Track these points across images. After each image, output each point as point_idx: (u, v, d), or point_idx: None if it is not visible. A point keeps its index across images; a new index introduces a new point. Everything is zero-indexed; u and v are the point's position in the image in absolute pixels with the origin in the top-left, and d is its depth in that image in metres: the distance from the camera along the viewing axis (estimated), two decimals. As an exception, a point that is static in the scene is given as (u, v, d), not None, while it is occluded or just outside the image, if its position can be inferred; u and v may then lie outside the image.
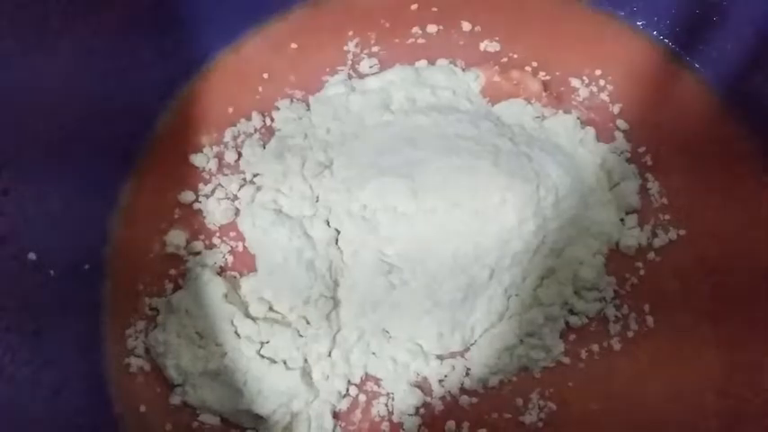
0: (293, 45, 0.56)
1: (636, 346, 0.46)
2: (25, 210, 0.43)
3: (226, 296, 0.47)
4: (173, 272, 0.49)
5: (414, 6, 0.57)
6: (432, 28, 0.57)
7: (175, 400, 0.46)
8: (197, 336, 0.46)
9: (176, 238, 0.50)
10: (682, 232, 0.49)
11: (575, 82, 0.54)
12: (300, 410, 0.46)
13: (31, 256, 0.43)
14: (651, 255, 0.49)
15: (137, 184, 0.51)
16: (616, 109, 0.53)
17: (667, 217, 0.50)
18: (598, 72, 0.55)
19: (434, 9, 0.57)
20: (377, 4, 0.57)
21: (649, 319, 0.47)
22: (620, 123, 0.53)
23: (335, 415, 0.46)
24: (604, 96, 0.54)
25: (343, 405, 0.46)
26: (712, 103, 0.53)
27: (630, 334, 0.47)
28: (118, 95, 0.49)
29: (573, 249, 0.48)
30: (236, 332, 0.46)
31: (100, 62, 0.48)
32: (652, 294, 0.48)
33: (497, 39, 0.56)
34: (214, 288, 0.47)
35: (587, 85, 0.54)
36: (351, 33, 0.56)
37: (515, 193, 0.47)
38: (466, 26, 0.57)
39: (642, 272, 0.48)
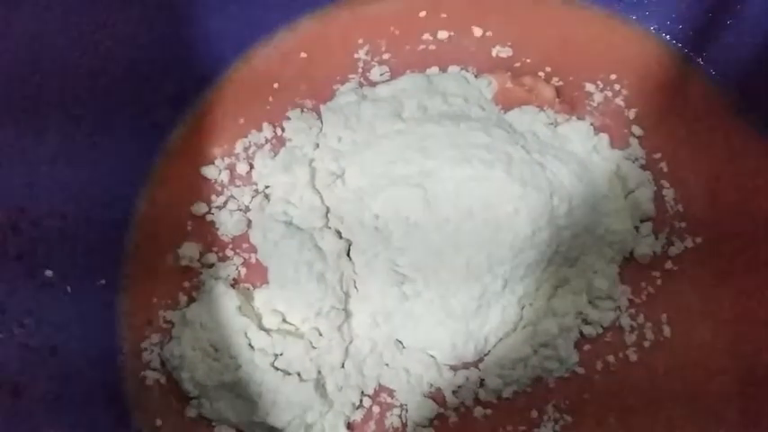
0: (303, 54, 0.56)
1: (653, 357, 0.46)
2: (40, 226, 0.44)
3: (239, 308, 0.47)
4: (186, 284, 0.49)
5: (423, 13, 0.57)
6: (442, 34, 0.56)
7: (191, 412, 0.46)
8: (212, 348, 0.46)
9: (190, 250, 0.50)
10: (698, 240, 0.49)
11: (589, 87, 0.54)
12: (315, 422, 0.46)
13: (48, 273, 0.44)
14: (669, 264, 0.48)
15: (150, 196, 0.51)
16: (631, 114, 0.53)
17: (683, 225, 0.49)
18: (613, 77, 0.54)
19: (444, 15, 0.56)
20: (386, 11, 0.57)
21: (666, 330, 0.47)
22: (635, 129, 0.52)
23: (349, 426, 0.46)
24: (619, 101, 0.53)
25: (357, 416, 0.46)
26: (727, 107, 0.52)
27: (647, 344, 0.46)
28: (130, 110, 0.49)
29: (587, 258, 0.48)
30: (249, 344, 0.46)
31: (111, 73, 0.48)
32: (669, 304, 0.47)
33: (509, 44, 0.55)
34: (228, 301, 0.47)
35: (602, 90, 0.54)
36: (360, 41, 0.56)
37: (528, 203, 0.47)
38: (477, 32, 0.56)
39: (659, 281, 0.48)
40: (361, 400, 0.46)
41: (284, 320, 0.48)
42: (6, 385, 0.40)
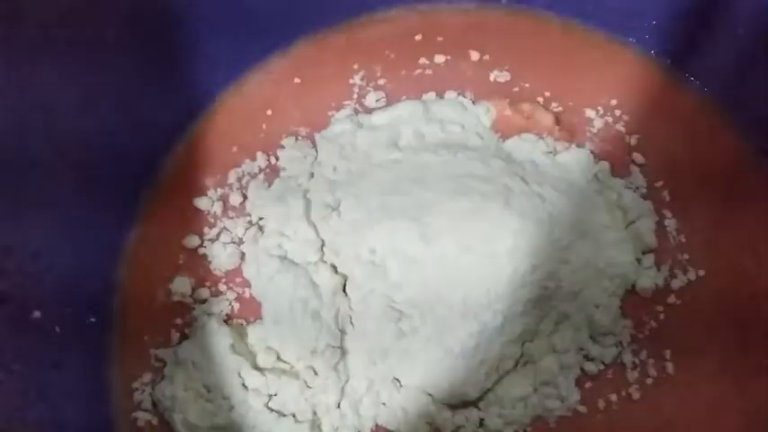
0: (296, 80, 0.55)
1: (656, 395, 0.45)
2: (27, 267, 0.43)
3: (233, 346, 0.46)
4: (179, 321, 0.48)
5: (418, 36, 0.55)
6: (439, 58, 0.55)
7: (184, 455, 0.45)
8: (204, 389, 0.45)
9: (182, 285, 0.49)
10: (701, 272, 0.48)
11: (589, 112, 0.53)
12: (311, 464, 0.45)
13: (36, 314, 0.43)
14: (672, 298, 0.47)
15: (141, 230, 0.50)
16: (633, 140, 0.52)
17: (686, 256, 0.48)
18: (613, 102, 0.53)
19: (440, 38, 0.55)
20: (380, 35, 0.56)
21: (670, 366, 0.45)
22: (636, 156, 0.51)
23: (346, 468, 0.45)
24: (620, 127, 0.52)
25: (354, 457, 0.45)
26: (732, 135, 0.51)
27: (650, 381, 0.45)
28: (121, 142, 0.48)
29: (588, 292, 0.47)
30: (243, 384, 0.45)
31: (102, 108, 0.47)
32: (673, 339, 0.46)
33: (507, 68, 0.54)
34: (221, 339, 0.46)
35: (602, 116, 0.53)
36: (356, 66, 0.55)
37: (528, 236, 0.46)
38: (474, 56, 0.55)
39: (662, 316, 0.47)
40: (357, 441, 0.45)
41: (279, 358, 0.47)
42: (-6, 429, 0.39)
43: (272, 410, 0.45)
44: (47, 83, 0.44)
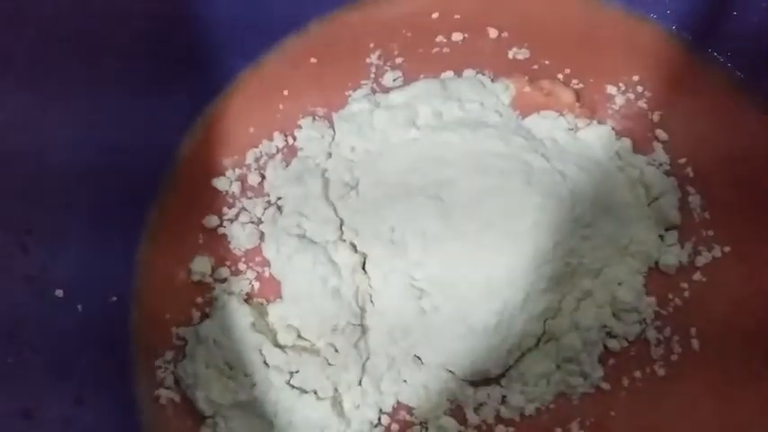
0: (313, 60, 0.54)
1: (681, 372, 0.44)
2: (49, 247, 0.43)
3: (253, 325, 0.46)
4: (199, 300, 0.48)
5: (435, 14, 0.55)
6: (457, 36, 0.54)
7: (207, 432, 0.45)
8: (226, 366, 0.45)
9: (202, 265, 0.49)
10: (726, 249, 0.47)
11: (610, 89, 0.52)
12: (332, 441, 0.45)
13: (58, 293, 0.43)
14: (697, 275, 0.46)
15: (161, 210, 0.50)
16: (655, 117, 0.51)
17: (711, 233, 0.47)
18: (635, 78, 0.52)
19: (457, 16, 0.55)
20: (397, 13, 0.55)
21: (695, 343, 0.45)
22: (659, 133, 0.50)
23: (368, 445, 0.45)
24: (642, 104, 0.51)
25: (376, 435, 0.45)
26: (756, 109, 0.50)
27: (674, 357, 0.45)
28: (140, 123, 0.48)
29: (611, 270, 0.46)
30: (264, 362, 0.45)
31: (119, 90, 0.47)
32: (698, 316, 0.45)
33: (526, 45, 0.54)
34: (241, 317, 0.46)
35: (623, 93, 0.52)
36: (372, 45, 0.54)
37: (549, 214, 0.45)
38: (492, 33, 0.54)
39: (687, 293, 0.46)
40: (379, 418, 0.45)
41: (299, 336, 0.47)
42: (18, 408, 0.40)
43: (293, 387, 0.45)
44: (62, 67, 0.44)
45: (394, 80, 0.53)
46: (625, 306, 0.46)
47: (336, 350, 0.46)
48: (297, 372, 0.45)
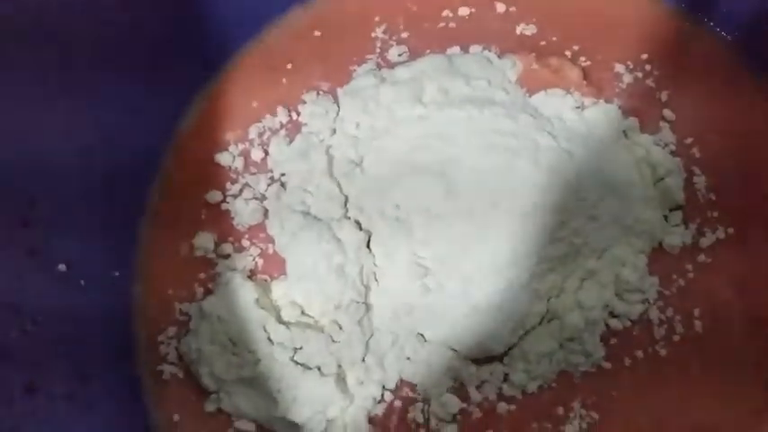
0: (317, 33, 0.53)
1: (683, 353, 0.45)
2: (53, 220, 0.42)
3: (257, 301, 0.46)
4: (202, 275, 0.48)
5: (441, -13, 0.54)
6: (463, 11, 0.53)
7: (210, 407, 0.45)
8: (230, 342, 0.46)
9: (205, 240, 0.49)
10: (730, 231, 0.47)
11: (618, 67, 0.51)
12: (336, 417, 0.45)
13: (61, 267, 0.43)
14: (701, 257, 0.46)
15: (163, 185, 0.50)
16: (663, 96, 0.50)
17: (715, 214, 0.47)
18: (644, 56, 0.51)
19: (464, -11, 0.54)
20: (402, -14, 0.54)
21: (698, 324, 0.45)
22: (666, 113, 0.50)
23: (371, 421, 0.45)
24: (650, 83, 0.51)
25: (379, 411, 0.46)
26: (764, 93, 0.49)
27: (676, 338, 0.45)
28: (140, 95, 0.47)
29: (614, 249, 0.46)
30: (268, 338, 0.45)
31: (121, 65, 0.46)
32: (702, 298, 0.45)
33: (534, 21, 0.53)
34: (245, 293, 0.46)
35: (631, 71, 0.51)
36: (377, 19, 0.53)
37: (555, 194, 0.45)
38: (500, 7, 0.53)
39: (691, 274, 0.46)
40: (382, 395, 0.46)
41: (303, 313, 0.47)
42: (21, 381, 0.40)
43: (297, 364, 0.45)
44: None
45: (399, 55, 0.53)
46: (628, 286, 0.46)
47: (340, 327, 0.46)
48: (301, 348, 0.45)
